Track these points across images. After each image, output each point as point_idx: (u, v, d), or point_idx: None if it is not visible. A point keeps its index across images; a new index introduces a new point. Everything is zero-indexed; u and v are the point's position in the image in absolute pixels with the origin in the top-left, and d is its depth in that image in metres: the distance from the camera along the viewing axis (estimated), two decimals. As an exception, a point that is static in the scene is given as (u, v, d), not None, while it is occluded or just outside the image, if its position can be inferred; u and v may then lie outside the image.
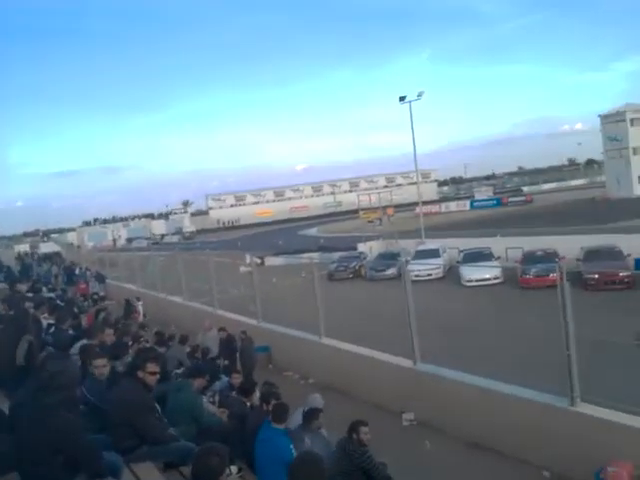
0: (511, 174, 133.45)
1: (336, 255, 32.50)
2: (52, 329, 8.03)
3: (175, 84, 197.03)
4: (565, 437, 6.97)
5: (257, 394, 6.50)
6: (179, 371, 9.16)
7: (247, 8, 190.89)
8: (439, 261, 25.58)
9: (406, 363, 9.73)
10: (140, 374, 4.91)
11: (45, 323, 8.35)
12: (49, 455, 3.51)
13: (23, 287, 12.71)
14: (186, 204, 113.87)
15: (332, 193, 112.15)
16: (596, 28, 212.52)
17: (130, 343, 7.92)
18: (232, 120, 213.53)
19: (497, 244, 26.46)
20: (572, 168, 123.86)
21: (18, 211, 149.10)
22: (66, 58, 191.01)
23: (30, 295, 11.64)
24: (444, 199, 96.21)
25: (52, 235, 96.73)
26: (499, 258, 24.51)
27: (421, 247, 29.57)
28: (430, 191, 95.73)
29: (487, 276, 22.74)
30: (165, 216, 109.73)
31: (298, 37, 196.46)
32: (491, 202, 78.76)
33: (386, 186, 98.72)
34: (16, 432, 3.49)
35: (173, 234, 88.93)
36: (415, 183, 57.64)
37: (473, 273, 22.79)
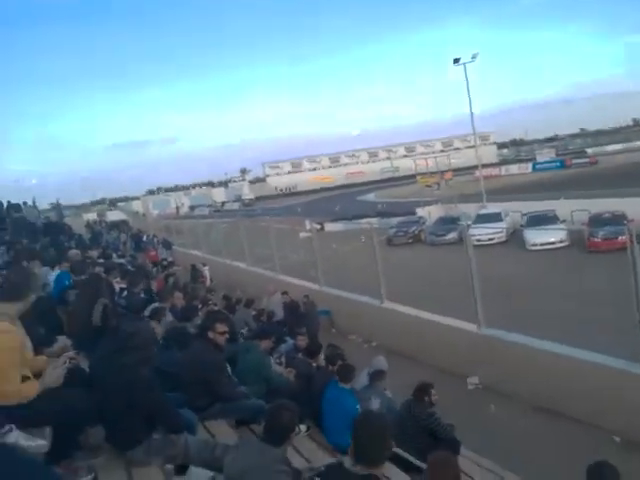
0: (573, 136, 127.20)
1: (395, 220, 32.22)
2: (124, 293, 8.37)
3: (228, 53, 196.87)
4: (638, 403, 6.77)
5: (322, 356, 6.60)
6: (245, 332, 9.44)
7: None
8: (502, 225, 24.94)
9: (470, 327, 9.63)
10: (210, 335, 5.07)
11: (117, 287, 8.71)
12: (128, 411, 3.70)
13: (94, 253, 13.26)
14: (244, 172, 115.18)
15: (388, 158, 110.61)
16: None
17: (199, 306, 8.18)
18: (285, 89, 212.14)
19: (562, 207, 25.57)
20: (637, 129, 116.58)
21: (84, 181, 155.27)
22: (129, 34, 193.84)
23: (101, 261, 12.12)
24: (504, 162, 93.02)
25: (118, 204, 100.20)
26: (564, 221, 23.60)
27: (482, 211, 28.85)
28: (489, 154, 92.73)
29: (552, 240, 21.98)
30: (225, 184, 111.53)
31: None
32: (554, 164, 75.64)
33: (442, 150, 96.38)
34: (96, 389, 3.68)
35: (233, 201, 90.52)
36: (473, 146, 55.90)
37: (538, 237, 22.10)
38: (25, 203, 18.70)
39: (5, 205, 16.85)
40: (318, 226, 29.17)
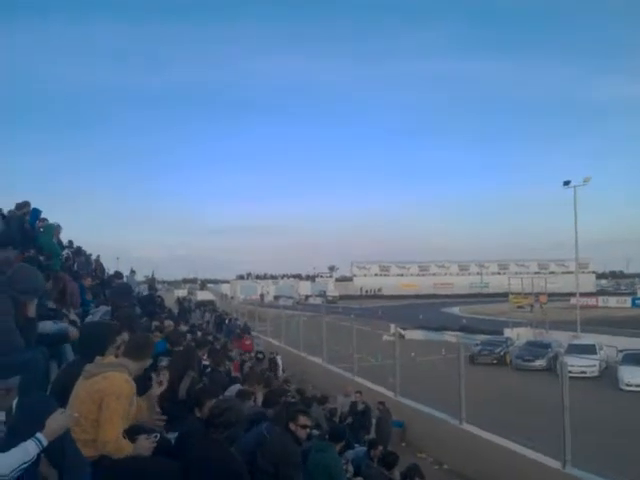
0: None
1: (479, 337, 31.16)
2: (208, 370, 8.59)
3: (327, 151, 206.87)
4: None
5: (397, 470, 6.33)
6: (316, 432, 9.25)
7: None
8: (595, 358, 23.44)
9: (554, 464, 8.91)
10: (292, 426, 5.06)
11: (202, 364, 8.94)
12: None
13: (183, 328, 13.78)
14: (332, 269, 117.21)
15: (479, 273, 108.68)
16: None
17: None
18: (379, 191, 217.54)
19: (661, 347, 23.83)
20: None
21: (180, 259, 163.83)
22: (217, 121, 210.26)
23: (190, 336, 12.53)
24: (602, 292, 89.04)
25: (208, 285, 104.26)
26: (665, 363, 21.87)
27: (575, 341, 27.48)
28: (587, 283, 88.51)
29: (650, 382, 20.35)
30: (312, 278, 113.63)
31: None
32: (656, 302, 71.23)
33: (537, 272, 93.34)
34: (184, 460, 3.78)
35: (317, 296, 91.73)
36: (571, 272, 53.81)
37: (634, 376, 20.61)
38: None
39: (108, 272, 18.24)
40: (402, 331, 28.75)
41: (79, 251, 15.66)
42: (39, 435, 2.66)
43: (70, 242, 15.37)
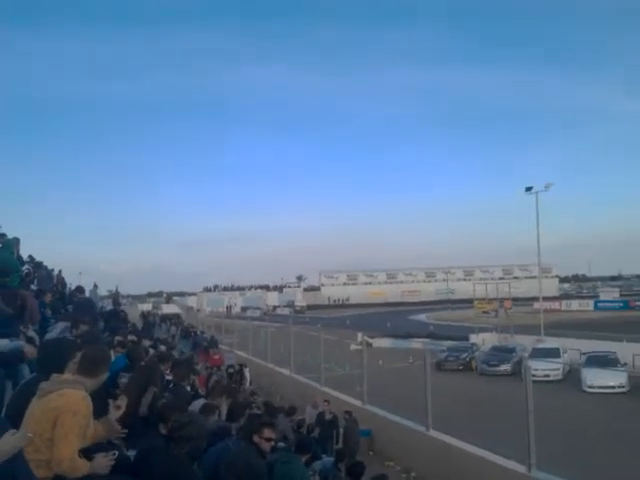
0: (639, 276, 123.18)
1: (445, 344, 31.54)
2: (171, 385, 8.43)
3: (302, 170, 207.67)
4: None
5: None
6: (282, 444, 9.18)
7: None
8: (559, 361, 23.96)
9: (520, 468, 9.04)
10: (256, 439, 5.02)
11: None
12: None
13: (147, 342, 13.53)
14: (300, 279, 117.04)
15: (445, 280, 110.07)
16: None
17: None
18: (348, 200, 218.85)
19: (623, 350, 24.58)
20: None
21: (145, 274, 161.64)
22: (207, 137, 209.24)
23: (152, 351, 12.32)
24: (565, 296, 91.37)
25: (174, 298, 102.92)
26: (625, 365, 22.52)
27: (540, 345, 28.03)
28: (550, 287, 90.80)
29: (612, 383, 20.95)
30: (279, 289, 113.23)
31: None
32: (617, 304, 73.94)
33: (502, 278, 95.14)
34: (142, 477, 3.71)
35: (284, 306, 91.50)
36: (534, 277, 55.02)
37: (596, 378, 21.16)
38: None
39: (69, 287, 17.82)
40: (370, 339, 28.88)
41: (40, 266, 15.29)
42: None
43: (30, 257, 15.00)
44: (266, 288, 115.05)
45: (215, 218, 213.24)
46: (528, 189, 37.19)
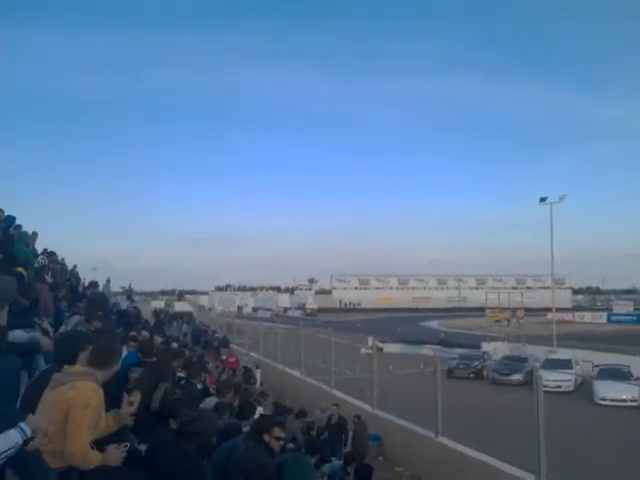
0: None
1: (457, 351, 31.36)
2: (183, 382, 8.44)
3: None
4: None
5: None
6: (292, 445, 9.16)
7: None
8: (571, 373, 23.74)
9: (529, 477, 8.93)
10: (266, 437, 4.99)
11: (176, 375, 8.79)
12: None
13: (159, 339, 13.59)
14: (311, 282, 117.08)
15: (457, 288, 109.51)
16: None
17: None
18: (361, 205, 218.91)
19: (636, 363, 24.33)
20: None
21: (159, 272, 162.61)
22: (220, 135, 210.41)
23: (163, 348, 12.36)
24: (578, 308, 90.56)
25: (187, 296, 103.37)
26: (638, 379, 22.29)
27: (552, 355, 27.82)
28: (563, 298, 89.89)
29: (624, 397, 20.72)
30: (291, 290, 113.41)
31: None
32: (630, 317, 72.91)
33: (515, 287, 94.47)
34: (154, 472, 3.71)
35: (295, 309, 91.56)
36: (548, 288, 54.57)
37: (609, 391, 20.96)
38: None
39: (83, 282, 17.94)
40: (380, 344, 28.80)
41: (54, 259, 15.41)
42: (22, 425, 2.60)
43: (45, 250, 15.13)
44: (278, 289, 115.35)
45: (230, 217, 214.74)
46: (542, 200, 36.91)
